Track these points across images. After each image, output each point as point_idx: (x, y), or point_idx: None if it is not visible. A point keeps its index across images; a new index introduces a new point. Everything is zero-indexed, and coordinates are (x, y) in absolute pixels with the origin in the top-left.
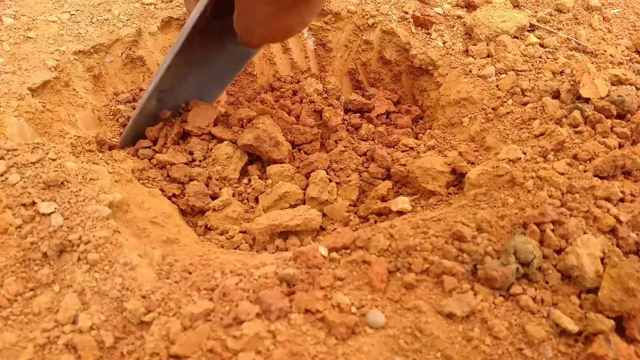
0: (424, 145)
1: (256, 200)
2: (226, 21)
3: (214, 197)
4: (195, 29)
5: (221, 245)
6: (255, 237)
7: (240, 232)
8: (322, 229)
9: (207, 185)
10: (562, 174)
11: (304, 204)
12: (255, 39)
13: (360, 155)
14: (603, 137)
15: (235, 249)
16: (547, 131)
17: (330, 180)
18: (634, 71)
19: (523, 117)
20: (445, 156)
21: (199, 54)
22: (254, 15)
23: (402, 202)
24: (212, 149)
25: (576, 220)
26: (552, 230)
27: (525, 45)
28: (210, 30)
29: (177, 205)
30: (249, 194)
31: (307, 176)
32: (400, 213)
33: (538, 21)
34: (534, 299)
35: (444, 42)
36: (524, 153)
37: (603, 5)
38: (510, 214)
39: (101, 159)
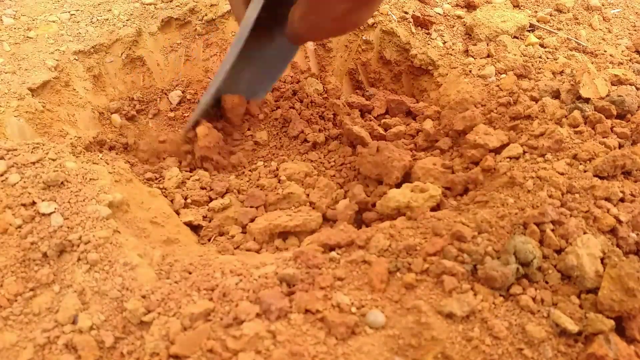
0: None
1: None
2: (275, 14)
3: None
4: (253, 27)
5: (223, 247)
6: (255, 237)
7: (242, 232)
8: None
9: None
10: (562, 174)
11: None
12: (321, 35)
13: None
14: (603, 137)
15: (235, 248)
16: (547, 131)
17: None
18: (634, 71)
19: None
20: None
21: (252, 50)
22: (328, 12)
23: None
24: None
25: (576, 220)
26: (552, 230)
27: (525, 45)
28: (260, 25)
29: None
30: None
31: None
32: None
33: (538, 21)
34: (534, 299)
35: (444, 42)
36: (524, 152)
37: (603, 5)
38: (510, 214)
39: (101, 159)
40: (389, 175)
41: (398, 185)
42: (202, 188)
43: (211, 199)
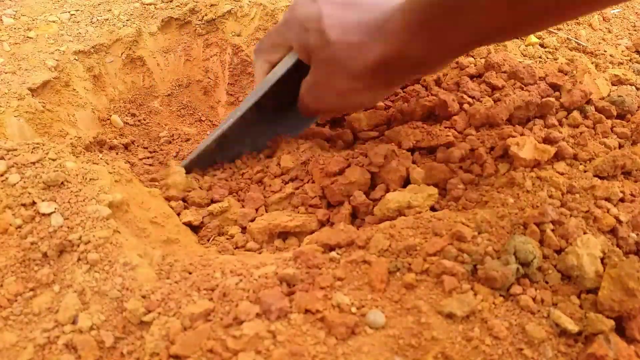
0: None
1: None
2: (298, 84)
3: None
4: (274, 85)
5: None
6: (255, 237)
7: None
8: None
9: None
10: (562, 174)
11: None
12: (321, 110)
13: None
14: (603, 137)
15: (235, 248)
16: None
17: None
18: (634, 71)
19: None
20: None
21: (268, 108)
22: (330, 88)
23: None
24: None
25: (576, 220)
26: (552, 230)
27: (525, 45)
28: (282, 89)
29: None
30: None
31: None
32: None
33: None
34: (534, 299)
35: None
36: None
37: None
38: (510, 214)
39: (101, 159)
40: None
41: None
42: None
43: (212, 202)
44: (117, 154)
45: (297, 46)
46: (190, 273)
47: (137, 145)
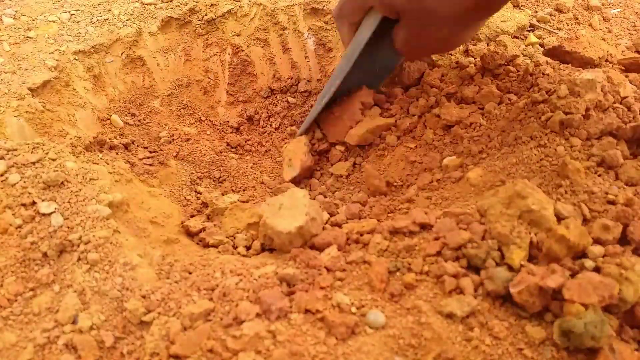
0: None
1: None
2: (387, 27)
3: None
4: (364, 47)
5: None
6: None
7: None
8: None
9: None
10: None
11: None
12: (422, 55)
13: None
14: None
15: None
16: None
17: None
18: None
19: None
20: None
21: (364, 58)
22: (429, 37)
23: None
24: None
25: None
26: None
27: (525, 45)
28: (374, 36)
29: None
30: None
31: None
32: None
33: (538, 21)
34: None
35: None
36: None
37: (603, 5)
38: None
39: (101, 159)
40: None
41: None
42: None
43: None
44: (117, 154)
45: (383, 7)
46: (190, 273)
47: (137, 145)
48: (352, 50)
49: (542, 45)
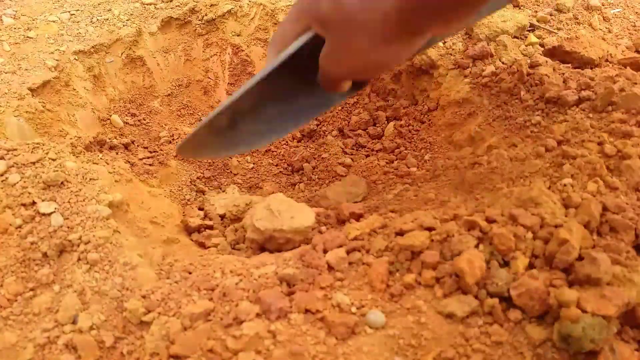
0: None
1: None
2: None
3: None
4: (287, 61)
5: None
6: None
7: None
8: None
9: None
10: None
11: None
12: (343, 73)
13: None
14: None
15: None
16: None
17: None
18: None
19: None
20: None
21: (284, 87)
22: (349, 49)
23: None
24: None
25: None
26: None
27: (525, 45)
28: (301, 67)
29: None
30: None
31: None
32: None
33: (538, 21)
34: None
35: (444, 42)
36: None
37: (603, 5)
38: None
39: (101, 159)
40: None
41: None
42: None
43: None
44: (117, 154)
45: (311, 20)
46: (190, 273)
47: (137, 145)
48: (271, 62)
49: (542, 45)
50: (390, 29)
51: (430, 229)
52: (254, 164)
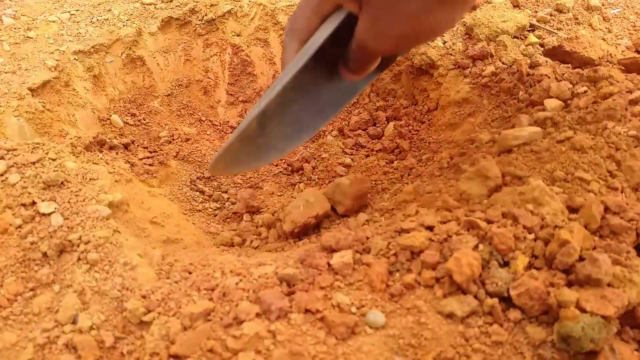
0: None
1: None
2: (341, 52)
3: None
4: (311, 58)
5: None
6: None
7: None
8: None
9: None
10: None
11: None
12: (389, 44)
13: None
14: None
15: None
16: None
17: None
18: None
19: None
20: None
21: (308, 82)
22: (399, 11)
23: None
24: None
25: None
26: None
27: (525, 45)
28: (323, 59)
29: None
30: None
31: None
32: None
33: (538, 21)
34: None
35: (444, 42)
36: None
37: (603, 5)
38: None
39: (101, 159)
40: None
41: None
42: None
43: None
44: (117, 154)
45: None
46: (190, 273)
47: (137, 145)
48: (297, 58)
49: (542, 45)
50: None
51: (430, 228)
52: None
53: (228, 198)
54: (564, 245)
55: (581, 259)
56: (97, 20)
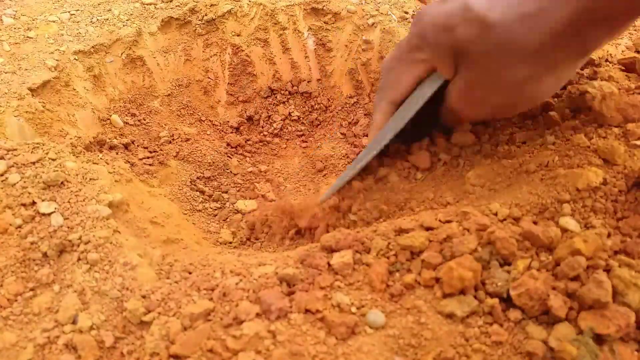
0: None
1: None
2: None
3: None
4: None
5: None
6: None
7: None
8: None
9: None
10: None
11: None
12: (482, 113)
13: None
14: None
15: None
16: None
17: None
18: None
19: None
20: None
21: (405, 132)
22: (496, 83)
23: None
24: None
25: None
26: None
27: None
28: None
29: None
30: None
31: None
32: None
33: None
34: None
35: None
36: None
37: None
38: None
39: (101, 159)
40: None
41: None
42: None
43: None
44: (117, 154)
45: (438, 57)
46: (190, 273)
47: (137, 145)
48: (398, 118)
49: None
50: (559, 52)
51: (430, 228)
52: (252, 164)
53: (228, 198)
54: (574, 255)
55: (588, 267)
56: (97, 20)
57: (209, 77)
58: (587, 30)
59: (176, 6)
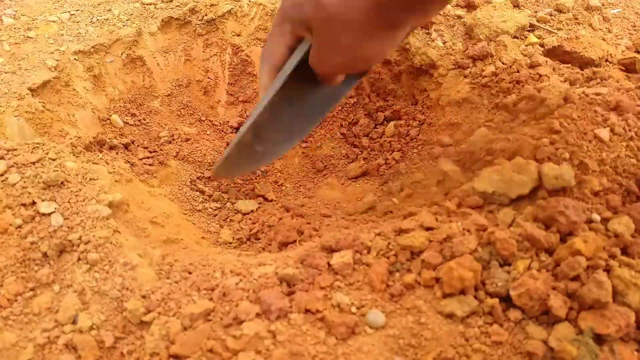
0: None
1: None
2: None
3: None
4: (293, 71)
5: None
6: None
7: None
8: None
9: None
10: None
11: None
12: (332, 69)
13: None
14: None
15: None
16: None
17: None
18: None
19: None
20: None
21: (294, 93)
22: (335, 44)
23: None
24: None
25: None
26: None
27: (525, 45)
28: (305, 72)
29: None
30: None
31: None
32: None
33: (538, 21)
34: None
35: (444, 42)
36: None
37: (603, 5)
38: None
39: (101, 159)
40: None
41: None
42: None
43: None
44: (117, 154)
45: (298, 27)
46: (190, 273)
47: (137, 145)
48: (277, 80)
49: (542, 45)
50: (372, 24)
51: (430, 228)
52: None
53: (228, 198)
54: (574, 255)
55: (588, 267)
56: (97, 20)
57: (209, 77)
58: (394, 12)
59: (176, 6)
